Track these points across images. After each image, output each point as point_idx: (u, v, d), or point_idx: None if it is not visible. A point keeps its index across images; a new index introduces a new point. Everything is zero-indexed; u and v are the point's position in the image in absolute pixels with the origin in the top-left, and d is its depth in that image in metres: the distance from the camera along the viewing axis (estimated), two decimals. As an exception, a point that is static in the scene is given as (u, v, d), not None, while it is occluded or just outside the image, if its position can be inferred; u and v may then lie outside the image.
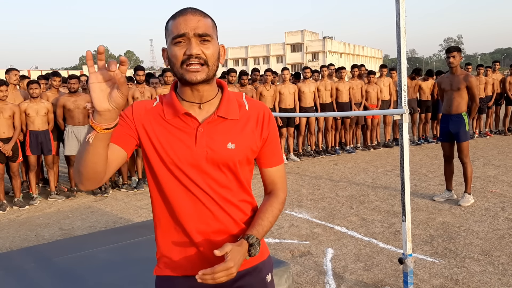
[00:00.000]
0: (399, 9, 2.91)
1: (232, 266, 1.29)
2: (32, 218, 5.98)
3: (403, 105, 3.02)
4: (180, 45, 1.34)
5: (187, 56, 1.33)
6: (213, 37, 1.37)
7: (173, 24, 1.35)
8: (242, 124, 1.45)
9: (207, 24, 1.36)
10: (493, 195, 5.97)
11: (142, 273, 3.25)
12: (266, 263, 1.57)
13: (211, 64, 1.36)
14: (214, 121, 1.42)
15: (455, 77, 5.62)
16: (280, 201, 1.54)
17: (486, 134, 11.36)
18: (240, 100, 1.50)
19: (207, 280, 1.27)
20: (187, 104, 1.42)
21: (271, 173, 1.55)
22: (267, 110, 1.51)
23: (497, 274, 3.65)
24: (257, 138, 1.47)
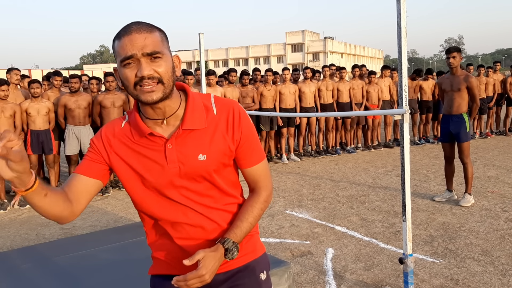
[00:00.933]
0: (400, 9, 2.91)
1: (203, 273, 1.29)
2: (33, 217, 5.99)
3: (403, 105, 3.03)
4: (130, 66, 1.27)
5: (139, 78, 1.26)
6: (164, 52, 1.29)
7: (119, 45, 1.27)
8: (211, 132, 1.40)
9: (155, 40, 1.28)
10: (494, 196, 5.97)
11: (143, 272, 3.25)
12: (259, 261, 1.55)
13: (166, 81, 1.29)
14: (181, 135, 1.38)
15: (456, 77, 5.62)
16: (261, 200, 1.50)
17: (486, 134, 11.36)
18: (208, 103, 1.43)
19: (181, 286, 1.29)
20: (151, 122, 1.38)
21: (251, 172, 1.50)
22: (236, 109, 1.43)
23: (498, 275, 3.65)
24: (229, 142, 1.41)
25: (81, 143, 6.88)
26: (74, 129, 6.83)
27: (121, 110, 6.98)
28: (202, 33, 4.74)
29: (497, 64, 11.72)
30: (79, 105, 6.82)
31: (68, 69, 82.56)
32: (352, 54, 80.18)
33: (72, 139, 6.83)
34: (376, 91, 9.87)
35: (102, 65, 78.52)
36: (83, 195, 1.39)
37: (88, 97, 6.98)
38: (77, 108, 6.80)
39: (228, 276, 1.48)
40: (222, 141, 1.40)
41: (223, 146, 1.41)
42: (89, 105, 6.94)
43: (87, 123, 6.94)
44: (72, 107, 6.78)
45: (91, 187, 1.40)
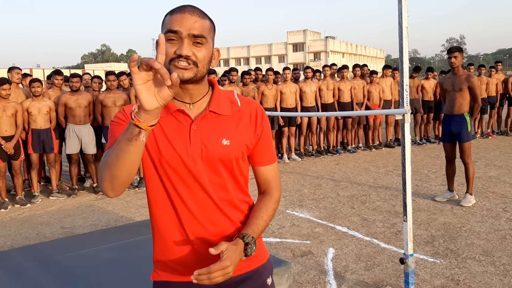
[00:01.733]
0: (402, 9, 2.91)
1: (228, 265, 1.26)
2: (33, 216, 5.99)
3: (405, 105, 3.02)
4: (172, 42, 1.29)
5: (176, 55, 1.28)
6: (207, 40, 1.32)
7: (170, 19, 1.30)
8: (235, 120, 1.42)
9: (204, 26, 1.31)
10: (495, 196, 5.96)
11: (143, 271, 3.25)
12: (266, 266, 1.55)
13: (201, 67, 1.31)
14: (207, 116, 1.39)
15: (457, 77, 5.61)
16: (274, 200, 1.51)
17: (488, 134, 11.35)
18: (232, 97, 1.47)
19: (203, 281, 1.24)
20: (178, 103, 1.39)
21: (265, 172, 1.52)
22: (259, 107, 1.49)
23: (499, 275, 3.64)
24: (251, 134, 1.44)
25: (82, 142, 6.89)
26: (75, 128, 6.83)
27: None
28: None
29: (499, 64, 11.70)
30: (80, 104, 6.82)
31: (69, 68, 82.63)
32: (353, 54, 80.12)
33: (72, 138, 6.83)
34: (378, 90, 9.86)
35: (104, 64, 78.59)
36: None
37: (89, 96, 6.98)
38: (78, 107, 6.80)
39: (237, 281, 1.47)
40: (245, 131, 1.43)
41: (245, 136, 1.43)
42: (89, 104, 6.94)
43: (87, 122, 6.94)
44: (73, 106, 6.79)
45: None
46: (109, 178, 1.25)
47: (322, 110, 9.28)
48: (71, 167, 7.09)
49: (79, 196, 6.96)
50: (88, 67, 74.62)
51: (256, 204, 1.51)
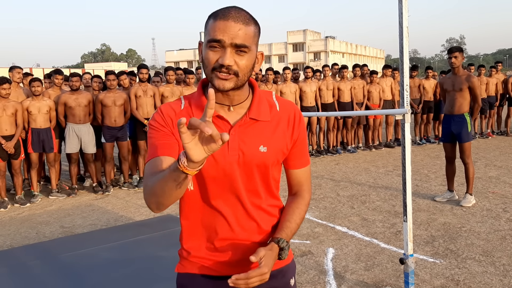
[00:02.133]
0: (402, 9, 2.90)
1: (266, 271, 1.29)
2: (33, 215, 5.99)
3: (405, 105, 3.02)
4: (214, 50, 1.28)
5: (218, 65, 1.28)
6: (251, 48, 1.30)
7: (213, 25, 1.28)
8: (273, 126, 1.42)
9: (248, 33, 1.28)
10: (495, 196, 5.96)
11: (143, 271, 3.25)
12: (290, 266, 1.56)
13: (242, 75, 1.31)
14: (246, 123, 1.38)
15: (457, 77, 5.61)
16: (305, 202, 1.53)
17: (488, 135, 11.35)
18: (271, 100, 1.46)
19: (240, 285, 1.26)
20: (217, 105, 1.38)
21: (298, 175, 1.53)
22: (297, 111, 1.48)
23: (498, 275, 3.64)
24: (288, 139, 1.45)
25: (82, 141, 6.88)
26: (75, 127, 6.83)
27: (121, 109, 6.98)
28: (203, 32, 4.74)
29: (499, 65, 11.71)
30: (80, 103, 6.81)
31: (69, 67, 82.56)
32: (353, 54, 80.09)
33: (72, 137, 6.82)
34: (378, 90, 9.85)
35: (103, 64, 78.57)
36: None
37: (89, 95, 6.97)
38: (78, 106, 6.80)
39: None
40: (282, 137, 1.43)
41: (282, 143, 1.43)
42: (89, 103, 6.94)
43: (87, 121, 6.94)
44: (73, 105, 6.78)
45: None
46: (155, 204, 1.28)
47: (322, 110, 9.28)
48: (71, 166, 7.09)
49: (79, 196, 6.96)
50: (88, 66, 74.61)
51: (288, 206, 1.52)
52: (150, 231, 4.22)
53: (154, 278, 3.13)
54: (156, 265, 3.35)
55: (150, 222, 4.80)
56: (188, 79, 7.78)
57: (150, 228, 4.35)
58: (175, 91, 7.46)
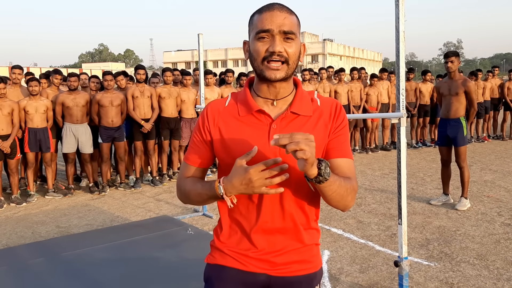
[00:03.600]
0: (399, 14, 2.93)
1: (311, 137, 1.18)
2: (29, 215, 5.98)
3: (401, 109, 3.04)
4: (263, 40, 1.34)
5: (269, 53, 1.33)
6: (296, 36, 1.37)
7: (259, 18, 1.35)
8: (314, 121, 1.44)
9: (293, 21, 1.36)
10: (490, 200, 5.99)
11: (139, 271, 3.26)
12: (318, 274, 1.55)
13: (292, 63, 1.36)
14: (287, 117, 1.41)
15: (454, 82, 5.64)
16: (352, 183, 1.41)
17: (484, 139, 11.39)
18: (313, 97, 1.50)
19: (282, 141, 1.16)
20: (261, 100, 1.43)
21: (340, 163, 1.43)
22: (338, 104, 1.49)
23: (492, 279, 3.67)
24: (328, 131, 1.44)
25: (79, 141, 6.88)
26: (72, 127, 6.83)
27: (118, 109, 6.98)
28: (201, 33, 4.75)
29: (496, 69, 11.77)
30: (77, 103, 6.81)
31: (67, 67, 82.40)
32: (351, 57, 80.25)
33: (69, 137, 6.82)
34: (376, 94, 9.88)
35: (101, 64, 78.46)
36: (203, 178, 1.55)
37: (86, 96, 6.97)
38: (75, 106, 6.80)
39: (288, 282, 1.48)
40: (323, 130, 1.43)
41: (323, 135, 1.43)
42: (87, 104, 6.94)
43: (84, 121, 6.94)
44: (70, 105, 6.78)
45: (204, 171, 1.56)
46: (187, 203, 1.55)
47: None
48: (68, 166, 7.08)
49: (75, 196, 6.95)
50: (86, 66, 74.48)
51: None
52: (146, 232, 4.23)
53: (150, 279, 3.13)
54: (152, 265, 3.35)
55: (146, 222, 4.80)
56: (186, 80, 7.78)
57: (146, 229, 4.35)
58: (172, 92, 7.47)
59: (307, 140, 1.16)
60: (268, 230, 1.44)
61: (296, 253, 1.47)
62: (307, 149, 1.15)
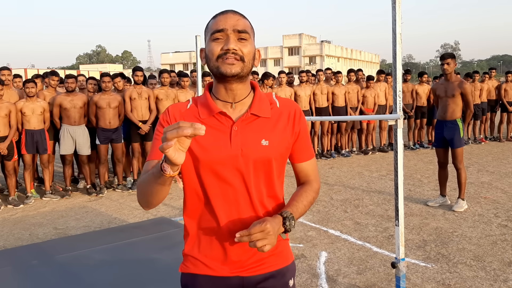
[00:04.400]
0: (396, 16, 2.94)
1: (268, 228, 1.30)
2: (26, 217, 5.97)
3: (398, 111, 3.05)
4: (218, 41, 1.38)
5: (224, 51, 1.36)
6: (250, 37, 1.41)
7: (214, 21, 1.40)
8: (274, 121, 1.47)
9: (246, 24, 1.41)
10: (487, 201, 6.01)
11: (136, 273, 3.26)
12: (290, 268, 1.58)
13: (247, 61, 1.39)
14: (248, 119, 1.44)
15: (450, 83, 5.66)
16: (313, 189, 1.56)
17: (481, 140, 11.43)
18: (271, 98, 1.53)
19: (244, 240, 1.28)
20: (220, 103, 1.46)
21: (304, 168, 1.57)
22: (297, 107, 1.54)
23: (489, 280, 3.68)
24: (289, 134, 1.49)
25: (76, 143, 6.87)
26: (69, 128, 6.82)
27: (116, 111, 6.98)
28: (199, 35, 4.75)
29: (493, 71, 11.81)
30: (75, 105, 6.81)
31: (64, 68, 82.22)
32: (348, 58, 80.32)
33: (67, 138, 6.81)
34: (373, 95, 9.91)
35: (99, 65, 78.28)
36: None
37: (84, 97, 6.97)
38: (73, 108, 6.79)
39: (261, 279, 1.50)
40: (283, 131, 1.48)
41: (284, 137, 1.48)
42: (84, 105, 6.93)
43: (82, 123, 6.93)
44: (68, 106, 6.77)
45: None
46: (144, 202, 1.41)
47: (316, 114, 9.32)
48: (65, 168, 7.07)
49: (73, 197, 6.94)
50: (83, 68, 74.33)
51: (296, 192, 1.55)
52: (143, 234, 4.23)
53: (147, 280, 3.13)
54: (149, 267, 3.35)
55: (144, 224, 4.80)
56: (183, 81, 7.79)
57: (143, 231, 4.35)
58: (169, 94, 7.47)
59: (264, 233, 1.29)
60: (234, 231, 1.44)
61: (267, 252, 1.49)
62: (266, 242, 1.29)
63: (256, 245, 1.28)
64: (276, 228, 1.34)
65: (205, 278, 1.50)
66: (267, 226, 1.30)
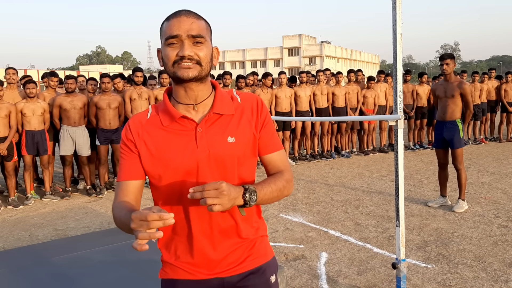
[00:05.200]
0: (396, 16, 2.94)
1: (223, 186, 1.23)
2: (26, 218, 5.96)
3: (398, 111, 3.05)
4: (173, 46, 1.36)
5: (179, 57, 1.35)
6: (206, 39, 1.38)
7: (167, 25, 1.37)
8: (238, 118, 1.46)
9: (201, 26, 1.38)
10: (487, 202, 6.00)
11: (136, 274, 3.25)
12: (270, 264, 1.57)
13: (204, 65, 1.38)
14: (211, 118, 1.43)
15: (449, 84, 5.65)
16: (285, 178, 1.48)
17: (481, 141, 11.42)
18: (232, 95, 1.52)
19: (197, 196, 1.22)
20: (182, 107, 1.44)
21: (272, 158, 1.52)
22: (259, 99, 1.52)
23: (490, 280, 3.67)
24: (253, 128, 1.47)
25: (76, 144, 6.87)
26: (69, 129, 6.82)
27: (116, 112, 6.97)
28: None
29: (492, 71, 11.81)
30: (75, 106, 6.80)
31: (64, 69, 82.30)
32: (348, 59, 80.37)
33: (67, 139, 6.81)
34: (373, 96, 9.91)
35: (98, 66, 78.35)
36: (139, 197, 1.47)
37: (84, 98, 6.97)
38: (72, 109, 6.79)
39: (241, 278, 1.50)
40: (248, 125, 1.47)
41: (249, 131, 1.47)
42: (84, 106, 6.93)
43: (82, 123, 6.93)
44: (67, 107, 6.77)
45: (140, 186, 1.48)
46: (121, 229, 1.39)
47: (316, 114, 9.32)
48: (65, 169, 7.07)
49: (72, 198, 6.94)
50: (83, 68, 74.36)
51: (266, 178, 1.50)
52: (143, 234, 4.21)
53: (147, 281, 3.13)
54: (149, 268, 3.35)
55: (144, 225, 4.79)
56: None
57: (143, 231, 4.34)
58: (170, 95, 7.46)
59: (217, 191, 1.22)
60: (209, 234, 1.44)
61: (243, 250, 1.49)
62: (217, 202, 1.21)
63: (206, 202, 1.20)
64: (233, 193, 1.26)
65: (185, 283, 1.49)
66: (222, 185, 1.23)
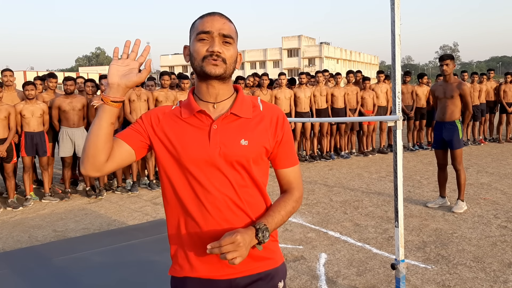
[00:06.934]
0: (394, 17, 2.94)
1: (239, 239, 1.30)
2: (25, 219, 5.96)
3: (397, 112, 3.05)
4: (203, 42, 1.42)
5: (209, 53, 1.40)
6: (234, 41, 1.46)
7: (200, 22, 1.44)
8: (255, 123, 1.48)
9: (231, 28, 1.45)
10: (486, 202, 6.01)
11: (135, 275, 3.25)
12: (279, 270, 1.57)
13: (229, 64, 1.43)
14: (228, 118, 1.46)
15: (449, 85, 5.66)
16: (294, 198, 1.55)
17: (480, 141, 11.43)
18: (255, 102, 1.55)
19: (215, 252, 1.29)
20: (202, 103, 1.49)
21: (286, 174, 1.57)
22: (281, 113, 1.55)
23: (489, 281, 3.67)
24: (270, 137, 1.49)
25: (75, 145, 6.87)
26: (68, 131, 6.82)
27: None
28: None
29: (491, 72, 11.82)
30: (74, 107, 6.81)
31: (64, 71, 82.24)
32: (347, 60, 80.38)
33: (66, 141, 6.81)
34: (371, 97, 9.91)
35: (98, 67, 78.35)
36: (116, 157, 1.45)
37: (83, 99, 6.97)
38: (72, 110, 6.79)
39: (249, 282, 1.49)
40: (264, 133, 1.49)
41: (264, 139, 1.48)
42: (83, 107, 6.93)
43: (81, 125, 6.93)
44: (67, 109, 6.77)
45: (124, 152, 1.47)
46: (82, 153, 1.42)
47: (315, 115, 9.32)
48: (64, 170, 7.07)
49: (72, 200, 6.94)
50: (82, 70, 74.35)
51: (275, 201, 1.55)
52: (143, 236, 4.22)
53: (147, 283, 3.13)
54: (149, 269, 3.35)
55: (143, 226, 4.80)
56: (183, 83, 7.79)
57: (143, 233, 4.34)
58: (169, 96, 7.47)
59: (234, 245, 1.29)
60: (217, 231, 1.45)
61: (253, 251, 1.48)
62: (237, 255, 1.29)
63: (227, 258, 1.28)
64: (248, 240, 1.34)
65: (194, 280, 1.50)
66: (237, 238, 1.30)
